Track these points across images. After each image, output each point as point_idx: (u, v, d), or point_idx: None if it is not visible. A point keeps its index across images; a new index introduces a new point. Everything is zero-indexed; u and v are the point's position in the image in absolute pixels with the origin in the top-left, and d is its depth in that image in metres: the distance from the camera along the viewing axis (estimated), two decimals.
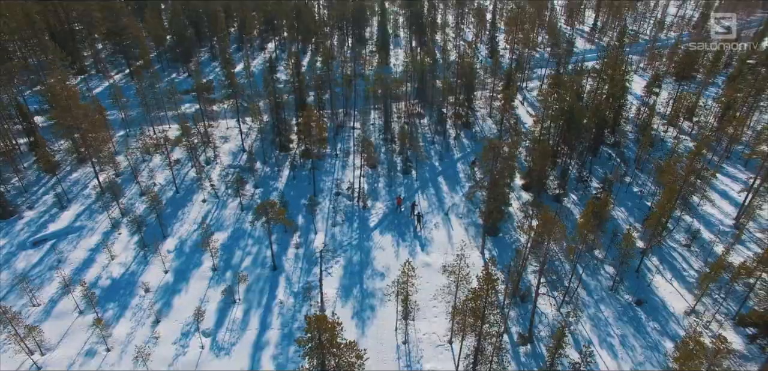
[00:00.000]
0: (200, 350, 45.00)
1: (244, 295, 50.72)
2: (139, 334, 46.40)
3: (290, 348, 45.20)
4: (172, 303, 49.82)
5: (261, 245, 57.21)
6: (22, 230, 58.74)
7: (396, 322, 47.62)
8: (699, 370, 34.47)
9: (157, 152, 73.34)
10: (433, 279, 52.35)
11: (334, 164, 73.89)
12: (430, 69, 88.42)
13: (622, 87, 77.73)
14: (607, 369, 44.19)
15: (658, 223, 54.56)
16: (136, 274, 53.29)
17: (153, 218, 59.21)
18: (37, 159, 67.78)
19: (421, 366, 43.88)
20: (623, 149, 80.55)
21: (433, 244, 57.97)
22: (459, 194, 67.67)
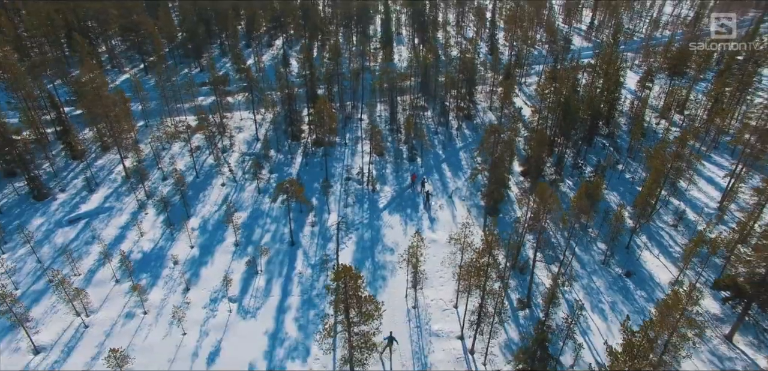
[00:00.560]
0: (228, 313, 50.11)
1: (266, 267, 55.84)
2: (171, 300, 51.47)
3: (310, 311, 50.37)
4: (199, 274, 54.93)
5: (278, 224, 62.37)
6: (57, 210, 63.86)
7: (406, 289, 52.82)
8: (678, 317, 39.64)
9: (176, 141, 78.50)
10: (440, 253, 57.56)
11: (343, 152, 79.15)
12: (433, 65, 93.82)
13: (616, 81, 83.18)
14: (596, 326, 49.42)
15: (646, 202, 59.96)
16: (165, 249, 58.40)
17: (177, 199, 64.34)
18: (66, 145, 72.89)
19: (430, 327, 49.04)
20: (617, 139, 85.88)
21: (439, 222, 63.24)
22: (461, 179, 72.95)
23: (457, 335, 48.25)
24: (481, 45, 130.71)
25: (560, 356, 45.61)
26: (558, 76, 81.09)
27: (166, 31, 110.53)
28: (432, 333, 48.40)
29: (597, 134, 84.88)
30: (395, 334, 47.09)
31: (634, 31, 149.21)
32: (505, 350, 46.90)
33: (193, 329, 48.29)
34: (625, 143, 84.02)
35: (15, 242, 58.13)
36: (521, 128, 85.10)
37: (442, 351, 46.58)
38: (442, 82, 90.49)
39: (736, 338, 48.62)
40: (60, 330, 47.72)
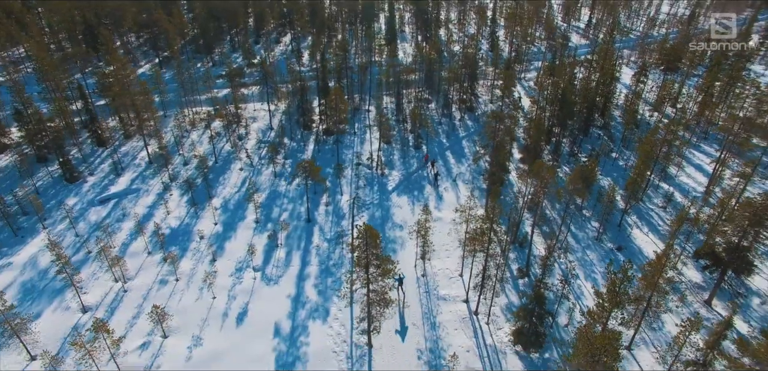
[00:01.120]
0: (253, 280, 55.55)
1: (285, 241, 61.32)
2: (200, 269, 56.88)
3: (328, 278, 55.87)
4: (224, 247, 60.38)
5: (295, 204, 67.88)
6: (88, 191, 69.32)
7: (415, 260, 58.33)
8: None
9: (195, 129, 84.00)
10: (445, 230, 63.11)
11: (353, 140, 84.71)
12: (437, 60, 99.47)
13: (612, 75, 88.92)
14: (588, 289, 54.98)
15: (636, 185, 65.60)
16: (191, 225, 63.87)
17: (199, 181, 69.83)
18: (93, 133, 78.35)
19: (437, 292, 54.53)
20: (611, 130, 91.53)
21: (444, 203, 68.81)
22: (464, 165, 78.55)
23: (462, 299, 53.74)
24: (482, 42, 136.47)
25: (556, 316, 51.20)
26: (556, 70, 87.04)
27: (178, 28, 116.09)
28: (439, 297, 53.90)
29: (592, 124, 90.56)
30: (406, 296, 52.70)
31: (631, 29, 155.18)
32: (506, 311, 52.36)
33: (221, 294, 53.71)
34: (619, 133, 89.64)
35: (53, 219, 63.57)
36: (521, 117, 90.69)
37: (449, 313, 52.07)
38: (445, 77, 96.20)
39: (714, 302, 54.14)
40: (103, 294, 53.14)
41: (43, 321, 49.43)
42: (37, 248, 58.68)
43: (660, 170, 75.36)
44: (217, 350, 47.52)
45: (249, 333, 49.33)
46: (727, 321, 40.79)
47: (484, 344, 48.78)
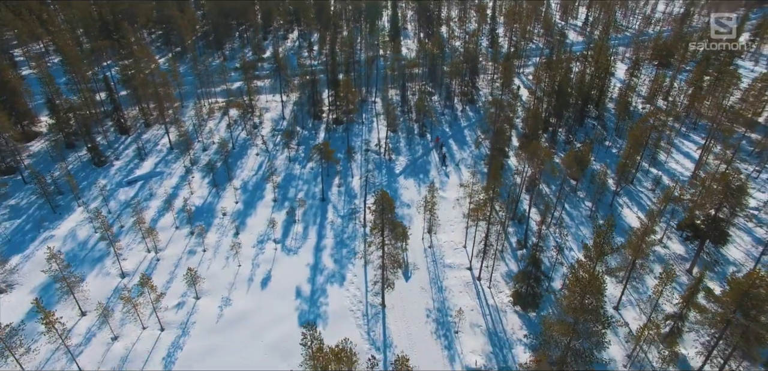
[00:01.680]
0: (274, 251, 61.47)
1: (302, 217, 67.28)
2: (224, 241, 62.77)
3: (343, 249, 61.81)
4: (246, 222, 66.30)
5: (309, 185, 73.86)
6: (115, 174, 75.20)
7: (423, 233, 64.34)
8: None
9: (210, 119, 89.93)
10: (449, 207, 69.17)
11: (361, 129, 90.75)
12: (439, 56, 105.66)
13: (606, 69, 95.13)
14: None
15: (626, 168, 71.74)
16: (213, 204, 69.77)
17: (219, 164, 75.72)
18: (116, 122, 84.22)
19: (443, 260, 60.53)
20: (605, 120, 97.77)
21: (448, 184, 74.85)
22: (466, 151, 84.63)
23: (466, 266, 59.75)
24: (482, 39, 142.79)
25: (551, 281, 57.21)
26: (553, 64, 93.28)
27: (190, 24, 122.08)
28: (445, 265, 59.90)
29: (587, 115, 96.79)
30: (415, 266, 58.75)
31: (628, 27, 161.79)
32: (506, 277, 58.36)
33: (246, 262, 59.61)
34: (613, 123, 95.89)
35: (86, 198, 69.39)
36: (519, 108, 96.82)
37: (454, 278, 58.06)
38: (447, 71, 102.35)
39: (695, 271, 60.20)
40: (137, 262, 59.00)
41: (87, 284, 55.16)
42: (75, 223, 64.54)
43: (650, 155, 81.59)
44: (245, 309, 53.39)
45: (273, 295, 55.21)
46: (699, 278, 46.80)
47: (487, 304, 54.77)
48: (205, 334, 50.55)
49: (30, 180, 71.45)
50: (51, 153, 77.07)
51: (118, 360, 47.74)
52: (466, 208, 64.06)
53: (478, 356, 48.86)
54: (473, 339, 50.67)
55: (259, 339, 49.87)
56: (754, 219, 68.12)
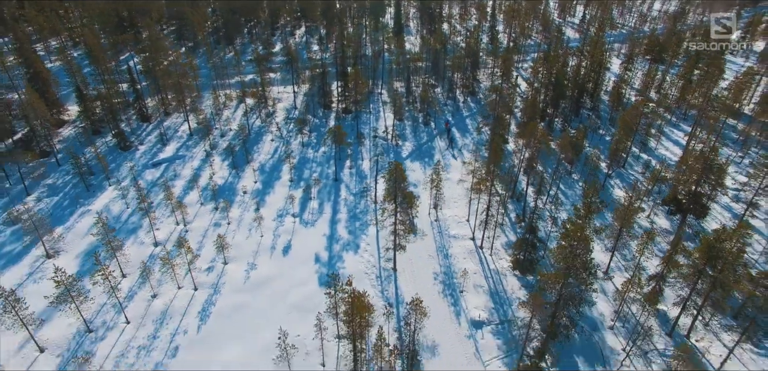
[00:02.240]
0: (293, 223, 68.00)
1: (317, 195, 73.86)
2: (247, 216, 69.28)
3: (356, 222, 68.38)
4: (265, 199, 72.82)
5: (323, 167, 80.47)
6: (141, 157, 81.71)
7: (429, 209, 70.98)
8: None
9: (226, 108, 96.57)
10: (453, 185, 75.85)
11: (368, 117, 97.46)
12: (441, 51, 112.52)
13: (601, 63, 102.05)
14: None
15: (617, 151, 78.53)
16: (234, 183, 76.31)
17: (237, 147, 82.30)
18: (138, 110, 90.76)
19: (448, 231, 67.15)
20: (600, 112, 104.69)
21: (451, 167, 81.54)
22: (468, 138, 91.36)
23: (469, 237, 66.39)
24: (482, 36, 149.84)
25: (547, 249, 63.85)
26: (550, 57, 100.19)
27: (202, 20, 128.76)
28: (450, 236, 66.54)
29: (582, 106, 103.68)
30: (423, 239, 65.36)
31: (624, 25, 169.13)
32: (506, 246, 65.00)
33: (267, 233, 66.13)
34: (607, 114, 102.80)
35: (115, 178, 75.85)
36: (518, 98, 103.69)
37: (458, 247, 64.68)
38: (449, 65, 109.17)
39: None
40: (168, 233, 65.47)
41: (126, 250, 61.55)
42: (108, 199, 71.02)
43: (640, 141, 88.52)
44: (269, 274, 59.88)
45: (294, 261, 61.73)
46: (677, 239, 53.53)
47: (488, 269, 61.42)
48: (234, 293, 57.03)
49: (63, 162, 78.05)
50: (79, 139, 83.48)
51: (159, 313, 54.19)
52: (468, 184, 70.68)
53: (481, 311, 55.44)
54: (476, 298, 57.26)
55: (282, 299, 56.34)
56: (736, 199, 74.97)
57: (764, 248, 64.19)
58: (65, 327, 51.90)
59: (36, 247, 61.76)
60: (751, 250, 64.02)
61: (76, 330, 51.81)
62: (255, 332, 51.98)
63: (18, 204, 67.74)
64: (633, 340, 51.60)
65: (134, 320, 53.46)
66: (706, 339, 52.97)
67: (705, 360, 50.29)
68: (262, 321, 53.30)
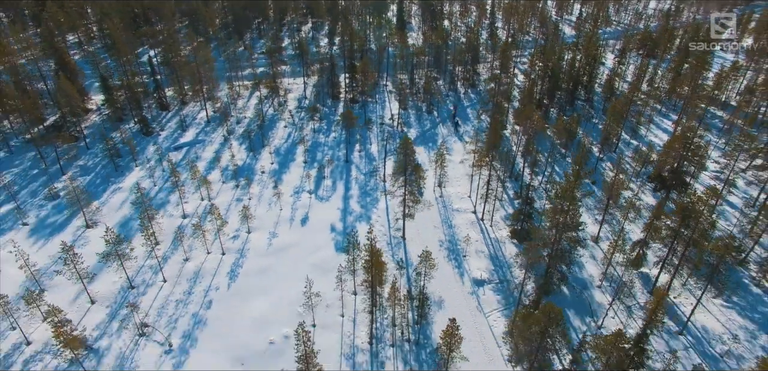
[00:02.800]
0: (309, 198, 75.23)
1: (330, 174, 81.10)
2: (266, 192, 76.45)
3: (367, 198, 75.67)
4: (282, 178, 79.99)
5: (334, 150, 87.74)
6: (163, 141, 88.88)
7: (434, 187, 78.31)
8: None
9: (240, 98, 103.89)
10: (455, 165, 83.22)
11: (375, 107, 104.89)
12: (443, 46, 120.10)
13: (595, 57, 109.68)
14: None
15: (608, 136, 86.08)
16: (252, 164, 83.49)
17: (254, 130, 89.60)
18: (157, 99, 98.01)
19: (451, 206, 74.47)
20: (594, 103, 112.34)
21: (454, 150, 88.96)
22: (469, 126, 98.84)
23: (471, 210, 73.74)
24: (482, 32, 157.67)
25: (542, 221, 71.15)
26: (546, 51, 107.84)
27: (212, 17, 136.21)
28: (453, 210, 73.88)
29: (577, 98, 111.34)
30: (428, 210, 72.57)
31: (619, 22, 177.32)
32: (505, 219, 72.33)
33: (285, 207, 73.33)
34: (600, 105, 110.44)
35: (141, 160, 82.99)
36: (515, 89, 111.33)
37: (461, 219, 71.99)
38: (450, 59, 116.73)
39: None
40: (194, 207, 72.56)
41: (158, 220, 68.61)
42: (136, 178, 78.11)
43: (631, 129, 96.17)
44: (290, 241, 67.05)
45: (311, 230, 68.93)
46: (659, 208, 60.89)
47: (489, 237, 68.74)
48: (259, 258, 64.16)
49: (92, 145, 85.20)
50: (105, 125, 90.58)
51: (192, 274, 61.28)
52: (470, 163, 78.04)
53: (483, 272, 62.72)
54: (478, 261, 64.54)
55: (303, 261, 63.41)
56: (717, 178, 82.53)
57: (738, 221, 71.64)
58: (111, 283, 58.99)
59: (77, 218, 68.87)
60: (728, 224, 71.56)
61: (120, 286, 58.88)
62: (279, 288, 59.08)
63: (55, 182, 74.84)
64: (618, 296, 58.95)
65: (170, 279, 60.53)
66: (683, 296, 60.31)
67: (679, 312, 57.66)
68: (286, 280, 60.34)
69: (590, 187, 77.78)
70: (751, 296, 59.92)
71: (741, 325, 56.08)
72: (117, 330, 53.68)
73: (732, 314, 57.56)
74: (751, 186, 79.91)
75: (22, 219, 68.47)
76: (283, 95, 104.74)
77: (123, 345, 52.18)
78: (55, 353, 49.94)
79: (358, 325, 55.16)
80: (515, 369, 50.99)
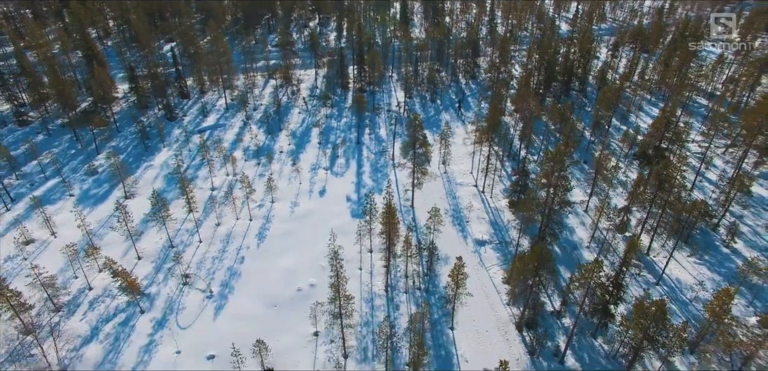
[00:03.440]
0: (325, 174, 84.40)
1: (343, 153, 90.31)
2: (285, 169, 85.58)
3: (378, 174, 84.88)
4: (299, 157, 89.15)
5: (346, 133, 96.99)
6: (187, 125, 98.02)
7: (438, 164, 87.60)
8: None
9: (255, 87, 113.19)
10: (458, 146, 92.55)
11: (382, 96, 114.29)
12: (445, 40, 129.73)
13: (589, 51, 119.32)
14: None
15: (598, 119, 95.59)
16: (271, 145, 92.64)
17: (270, 118, 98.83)
18: (178, 88, 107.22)
19: (454, 180, 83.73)
20: (587, 93, 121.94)
21: (456, 134, 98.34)
22: (470, 112, 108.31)
23: (472, 184, 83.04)
24: (481, 28, 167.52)
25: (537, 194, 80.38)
26: (543, 43, 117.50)
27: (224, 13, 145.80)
28: (456, 183, 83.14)
29: (572, 88, 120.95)
30: (434, 182, 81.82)
31: (615, 20, 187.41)
32: (503, 192, 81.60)
33: (304, 181, 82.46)
34: (594, 95, 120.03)
35: (168, 141, 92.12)
36: (513, 81, 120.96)
37: (463, 191, 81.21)
38: (451, 53, 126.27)
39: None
40: (221, 181, 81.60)
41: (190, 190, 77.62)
42: (165, 157, 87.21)
43: (621, 115, 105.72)
44: (310, 209, 76.13)
45: (329, 201, 78.06)
46: (639, 178, 70.20)
47: (489, 206, 78.01)
48: (283, 223, 73.23)
49: (122, 128, 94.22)
50: (131, 111, 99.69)
51: (224, 236, 70.31)
52: (471, 142, 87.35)
53: (484, 234, 71.94)
54: (479, 226, 73.77)
55: (323, 226, 72.38)
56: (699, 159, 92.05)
57: (717, 196, 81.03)
58: (153, 242, 68.00)
59: (116, 190, 77.92)
60: (704, 196, 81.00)
61: (161, 245, 67.86)
62: (303, 248, 68.13)
63: (93, 160, 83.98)
64: (602, 253, 68.21)
65: (205, 240, 69.54)
66: (661, 256, 69.57)
67: (656, 268, 66.94)
68: (308, 241, 69.41)
69: (580, 160, 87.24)
70: (720, 255, 69.17)
71: (709, 278, 65.27)
72: (163, 280, 62.67)
73: (702, 269, 66.78)
74: (729, 165, 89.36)
75: (69, 191, 77.46)
76: (295, 84, 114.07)
77: (170, 291, 61.14)
78: (114, 296, 58.95)
79: (374, 277, 64.29)
80: (512, 309, 60.12)
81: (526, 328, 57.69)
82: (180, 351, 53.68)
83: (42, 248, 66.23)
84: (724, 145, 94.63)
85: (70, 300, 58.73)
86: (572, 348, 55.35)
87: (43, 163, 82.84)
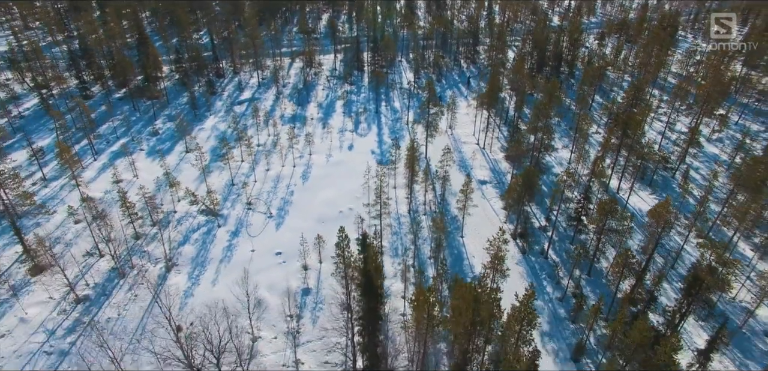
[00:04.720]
0: (351, 135, 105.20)
1: (365, 120, 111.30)
2: (317, 131, 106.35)
3: (396, 134, 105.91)
4: (328, 123, 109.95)
5: (365, 104, 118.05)
6: (226, 99, 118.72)
7: (446, 128, 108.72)
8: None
9: (281, 69, 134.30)
10: (462, 114, 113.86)
11: (393, 77, 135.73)
12: (448, 32, 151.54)
13: (577, 39, 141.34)
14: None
15: (584, 96, 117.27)
16: (302, 114, 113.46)
17: (297, 93, 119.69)
18: (215, 70, 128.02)
19: (460, 139, 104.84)
20: (576, 76, 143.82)
21: (460, 106, 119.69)
22: (472, 90, 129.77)
23: (475, 142, 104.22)
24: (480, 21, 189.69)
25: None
26: (535, 31, 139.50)
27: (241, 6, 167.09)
28: (461, 142, 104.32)
29: (561, 72, 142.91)
30: (443, 141, 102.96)
31: (605, 14, 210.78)
32: (500, 149, 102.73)
33: (334, 139, 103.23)
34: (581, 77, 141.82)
35: (213, 111, 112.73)
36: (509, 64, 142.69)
37: (467, 147, 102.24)
38: (454, 41, 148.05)
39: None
40: (264, 139, 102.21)
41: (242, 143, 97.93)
42: (214, 121, 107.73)
43: (603, 92, 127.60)
44: (342, 159, 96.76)
45: (357, 153, 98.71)
46: (609, 131, 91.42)
47: (489, 158, 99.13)
48: (321, 169, 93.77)
49: (171, 101, 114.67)
50: (175, 87, 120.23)
51: (274, 177, 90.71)
52: (474, 108, 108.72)
53: (485, 177, 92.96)
54: (481, 171, 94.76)
55: (354, 171, 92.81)
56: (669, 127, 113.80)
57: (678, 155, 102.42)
58: (218, 179, 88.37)
59: (178, 145, 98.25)
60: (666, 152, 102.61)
61: (225, 182, 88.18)
62: (340, 185, 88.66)
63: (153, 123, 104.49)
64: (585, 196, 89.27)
65: (259, 181, 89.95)
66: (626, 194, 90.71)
67: (622, 201, 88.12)
68: (344, 180, 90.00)
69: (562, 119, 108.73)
70: (675, 193, 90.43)
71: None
72: (231, 205, 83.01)
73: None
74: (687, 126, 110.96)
75: (140, 146, 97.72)
76: (317, 66, 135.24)
77: (238, 213, 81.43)
78: (194, 216, 79.25)
79: (399, 203, 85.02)
80: (509, 226, 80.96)
81: (520, 238, 78.53)
82: (254, 249, 73.92)
83: (129, 185, 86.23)
84: (684, 110, 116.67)
85: (161, 218, 78.81)
86: (554, 249, 76.24)
87: (114, 125, 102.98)
